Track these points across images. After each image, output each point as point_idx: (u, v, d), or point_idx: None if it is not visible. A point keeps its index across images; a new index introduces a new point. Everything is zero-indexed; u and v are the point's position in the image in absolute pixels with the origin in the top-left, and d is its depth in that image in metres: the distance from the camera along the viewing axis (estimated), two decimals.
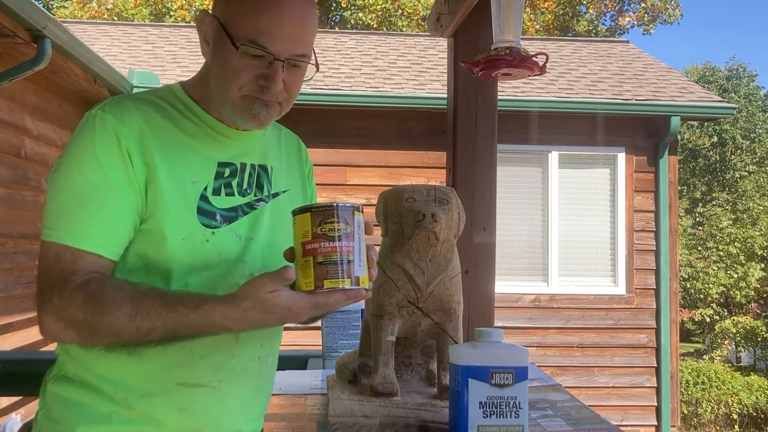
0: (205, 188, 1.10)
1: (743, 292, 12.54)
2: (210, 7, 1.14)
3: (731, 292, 12.66)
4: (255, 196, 1.17)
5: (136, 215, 1.05)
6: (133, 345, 1.01)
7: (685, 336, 14.11)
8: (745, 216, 14.35)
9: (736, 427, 8.30)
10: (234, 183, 1.14)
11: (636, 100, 6.11)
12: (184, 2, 15.64)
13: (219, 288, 1.05)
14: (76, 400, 1.08)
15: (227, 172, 1.14)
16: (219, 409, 1.13)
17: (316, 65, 1.12)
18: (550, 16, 17.83)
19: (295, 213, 0.97)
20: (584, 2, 18.65)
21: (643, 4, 18.74)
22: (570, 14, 18.44)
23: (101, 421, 1.06)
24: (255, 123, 1.10)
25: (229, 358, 1.12)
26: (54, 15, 8.43)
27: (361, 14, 16.31)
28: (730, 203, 16.01)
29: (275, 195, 1.21)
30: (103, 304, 0.98)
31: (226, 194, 1.12)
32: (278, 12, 1.05)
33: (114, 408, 1.07)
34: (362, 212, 0.99)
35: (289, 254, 0.98)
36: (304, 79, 1.14)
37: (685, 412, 8.15)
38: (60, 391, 1.10)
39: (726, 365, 10.04)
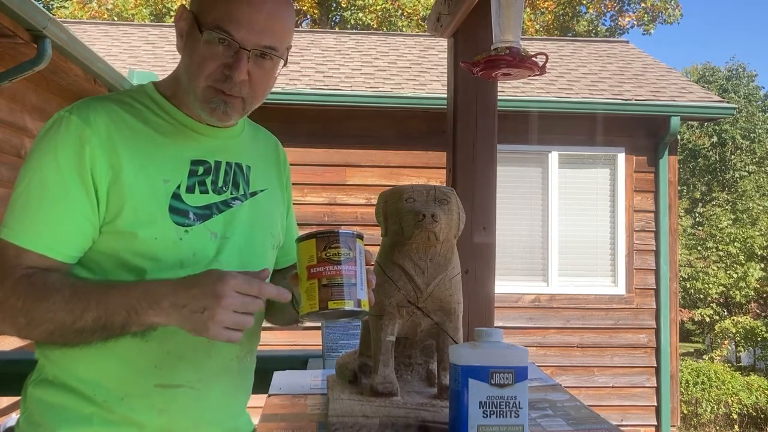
0: (178, 186, 1.09)
1: (743, 292, 12.55)
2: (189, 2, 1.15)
3: (731, 292, 12.67)
4: (231, 194, 1.15)
5: (87, 222, 1.04)
6: (67, 333, 0.99)
7: (685, 336, 14.12)
8: (744, 216, 14.36)
9: (736, 427, 8.30)
10: (208, 181, 1.13)
11: (636, 100, 6.11)
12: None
13: None
14: (57, 403, 1.08)
15: (201, 169, 1.13)
16: (199, 409, 1.12)
17: (285, 59, 1.11)
18: (550, 16, 17.83)
19: (299, 240, 1.00)
20: (584, 2, 18.65)
21: (642, 4, 18.74)
22: (570, 14, 18.44)
23: (82, 424, 1.06)
24: (214, 117, 1.09)
25: (207, 358, 1.12)
26: (54, 15, 8.43)
27: (361, 14, 16.31)
28: (730, 203, 16.02)
29: (253, 194, 1.20)
30: (44, 290, 0.99)
31: (201, 192, 1.11)
32: (247, 1, 1.05)
33: (94, 410, 1.07)
34: (363, 240, 1.03)
35: (294, 280, 1.01)
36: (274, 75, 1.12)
37: (685, 412, 8.15)
38: (40, 394, 1.10)
39: (726, 365, 10.04)
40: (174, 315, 0.96)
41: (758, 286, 12.85)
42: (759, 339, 11.06)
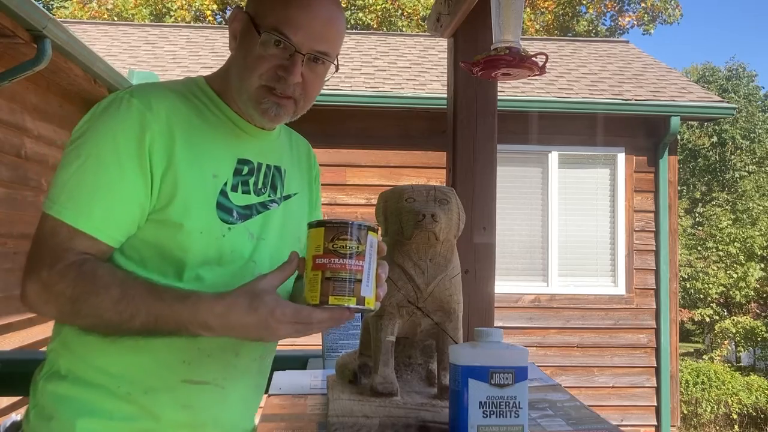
0: (225, 183, 1.10)
1: (743, 292, 12.55)
2: (244, 4, 1.17)
3: (731, 292, 12.67)
4: (269, 196, 1.17)
5: (138, 208, 1.03)
6: (112, 330, 1.01)
7: (685, 336, 14.12)
8: (744, 216, 14.37)
9: (736, 427, 8.30)
10: (251, 181, 1.14)
11: (636, 100, 6.11)
12: (184, 2, 15.64)
13: (229, 286, 1.03)
14: (73, 395, 1.07)
15: (245, 169, 1.14)
16: (221, 407, 1.13)
17: (336, 65, 1.13)
18: (550, 16, 17.83)
19: (311, 226, 0.97)
20: (584, 2, 18.65)
21: (642, 4, 18.74)
22: (570, 14, 18.44)
23: (101, 415, 1.05)
24: (265, 118, 1.10)
25: (234, 357, 1.12)
26: (54, 15, 8.43)
27: (361, 14, 16.32)
28: (730, 203, 16.02)
29: (287, 197, 1.22)
30: (94, 284, 0.98)
31: (243, 192, 1.12)
32: (305, 6, 1.07)
33: (115, 403, 1.06)
34: (378, 233, 0.98)
35: (301, 265, 0.99)
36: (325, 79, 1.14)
37: (685, 412, 8.15)
38: (54, 388, 1.08)
39: (726, 365, 10.05)
40: (228, 335, 0.98)
41: (758, 286, 12.86)
42: (759, 339, 11.07)
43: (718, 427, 8.33)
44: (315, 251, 0.95)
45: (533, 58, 1.41)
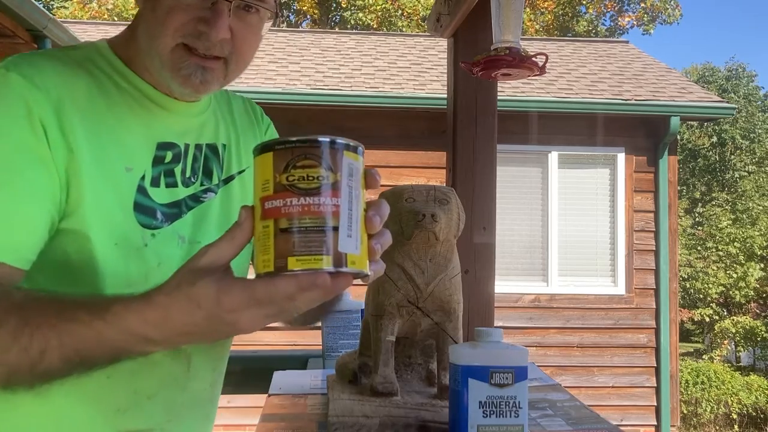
0: (143, 177, 0.85)
1: (743, 292, 12.55)
2: None
3: (731, 292, 12.67)
4: (201, 185, 0.92)
5: (53, 208, 0.78)
6: (30, 377, 0.70)
7: (685, 336, 14.12)
8: (744, 216, 14.36)
9: (736, 426, 8.30)
10: (177, 170, 0.89)
11: (636, 100, 6.11)
12: None
13: None
14: None
15: (169, 156, 0.89)
16: None
17: (277, 12, 0.87)
18: (549, 17, 17.83)
19: (254, 153, 0.64)
20: (584, 2, 18.65)
21: (642, 5, 18.75)
22: (570, 14, 18.44)
23: None
24: (187, 87, 0.84)
25: (180, 393, 0.91)
26: (54, 15, 8.42)
27: (361, 14, 16.31)
28: (730, 203, 16.02)
29: (227, 180, 0.96)
30: None
31: (167, 185, 0.88)
32: None
33: None
34: (359, 153, 0.65)
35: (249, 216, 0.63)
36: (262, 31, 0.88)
37: (685, 411, 8.15)
38: None
39: (725, 365, 10.05)
40: (182, 344, 0.72)
41: (758, 286, 12.86)
42: (759, 339, 11.06)
43: (717, 427, 8.33)
44: (263, 191, 0.62)
45: (533, 58, 1.41)
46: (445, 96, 2.10)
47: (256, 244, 0.62)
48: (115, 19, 15.02)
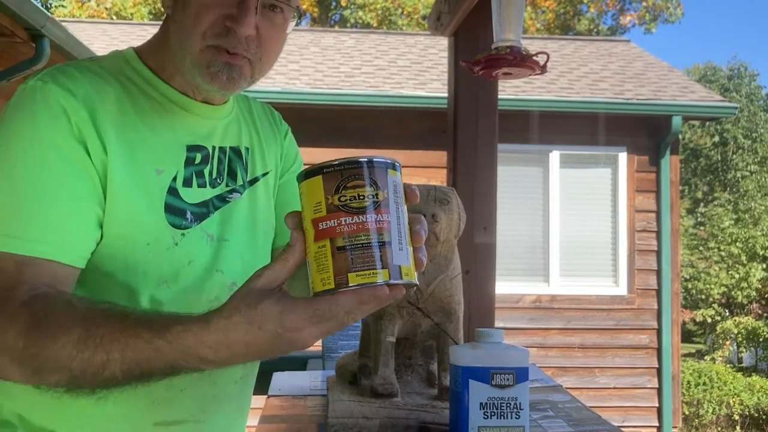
0: (174, 178, 0.90)
1: (745, 293, 12.55)
2: None
3: (733, 293, 12.67)
4: (227, 186, 0.97)
5: (98, 208, 0.84)
6: (92, 384, 0.74)
7: (687, 337, 14.11)
8: (746, 216, 14.34)
9: (738, 428, 8.29)
10: (206, 171, 0.94)
11: (637, 99, 6.10)
12: None
13: (196, 306, 0.81)
14: None
15: (198, 157, 0.94)
16: None
17: (299, 13, 0.92)
18: (551, 15, 17.84)
19: (301, 178, 0.67)
20: (585, 1, 18.66)
21: (644, 3, 18.75)
22: (571, 13, 18.44)
23: None
24: (215, 84, 0.88)
25: (211, 386, 0.96)
26: (52, 14, 8.43)
27: (360, 13, 16.33)
28: (732, 203, 16.00)
29: (252, 182, 1.01)
30: (48, 328, 0.73)
31: (198, 185, 0.93)
32: None
33: None
34: (397, 170, 0.68)
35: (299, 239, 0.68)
36: (287, 31, 0.92)
37: (687, 413, 8.13)
38: None
39: (727, 366, 10.03)
40: (238, 363, 0.74)
41: (760, 286, 12.85)
42: (761, 339, 11.05)
43: (719, 428, 8.32)
44: (314, 213, 0.65)
45: (534, 57, 1.40)
46: (446, 95, 2.09)
47: (312, 263, 0.66)
48: (114, 17, 15.03)
